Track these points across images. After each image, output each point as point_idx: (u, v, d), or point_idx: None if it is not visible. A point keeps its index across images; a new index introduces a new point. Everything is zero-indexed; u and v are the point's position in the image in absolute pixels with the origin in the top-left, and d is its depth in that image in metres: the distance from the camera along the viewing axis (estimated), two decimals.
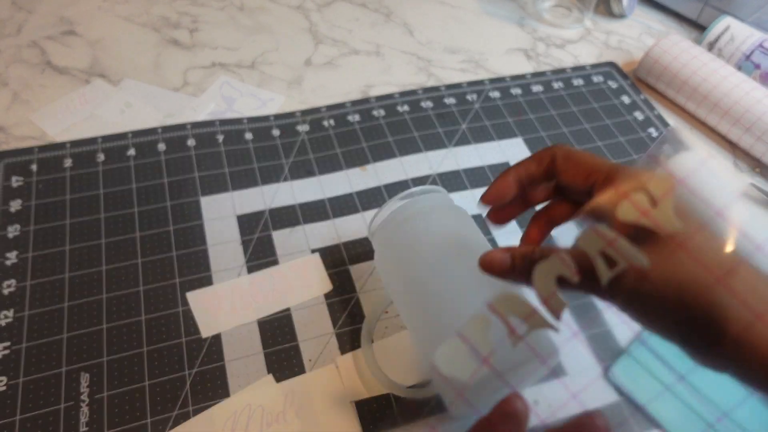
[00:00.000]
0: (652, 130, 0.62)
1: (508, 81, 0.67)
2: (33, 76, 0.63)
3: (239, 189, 0.54)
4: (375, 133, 0.60)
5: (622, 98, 0.66)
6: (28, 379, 0.41)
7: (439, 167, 0.57)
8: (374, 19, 0.74)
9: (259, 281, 0.47)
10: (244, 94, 0.63)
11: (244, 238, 0.50)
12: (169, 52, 0.67)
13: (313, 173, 0.56)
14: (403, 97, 0.64)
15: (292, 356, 0.44)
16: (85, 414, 0.40)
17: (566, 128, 0.62)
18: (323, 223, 0.52)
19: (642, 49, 0.73)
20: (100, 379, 0.41)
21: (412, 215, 0.40)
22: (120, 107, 0.60)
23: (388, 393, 0.42)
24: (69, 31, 0.68)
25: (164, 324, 0.44)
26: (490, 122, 0.62)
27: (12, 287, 0.46)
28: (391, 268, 0.41)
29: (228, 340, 0.44)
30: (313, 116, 0.61)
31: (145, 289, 0.46)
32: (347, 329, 0.45)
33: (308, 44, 0.70)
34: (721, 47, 0.66)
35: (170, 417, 0.40)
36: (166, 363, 0.42)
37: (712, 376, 0.42)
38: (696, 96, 0.62)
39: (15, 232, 0.49)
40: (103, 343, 0.43)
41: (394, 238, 0.40)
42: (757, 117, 0.58)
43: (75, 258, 0.48)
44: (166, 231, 0.50)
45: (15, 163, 0.54)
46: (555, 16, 0.77)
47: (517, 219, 0.39)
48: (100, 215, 0.51)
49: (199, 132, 0.58)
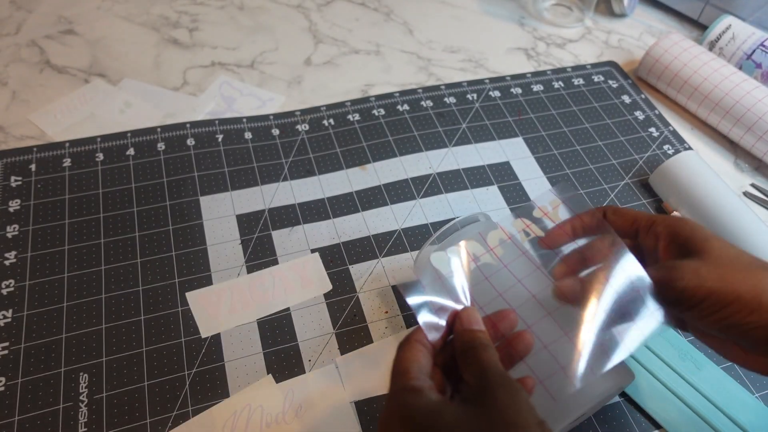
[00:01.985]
0: (653, 130, 0.62)
1: (508, 80, 0.66)
2: (32, 75, 0.63)
3: (239, 188, 0.54)
4: (375, 132, 0.59)
5: (623, 98, 0.66)
6: (27, 379, 0.41)
7: (439, 166, 0.57)
8: (374, 19, 0.74)
9: (259, 281, 0.47)
10: (243, 94, 0.63)
11: (244, 237, 0.50)
12: (168, 52, 0.67)
13: (312, 173, 0.56)
14: (403, 96, 0.64)
15: (292, 356, 0.43)
16: (84, 414, 0.40)
17: (567, 127, 0.62)
18: (323, 223, 0.52)
19: (643, 48, 0.73)
20: (99, 380, 0.41)
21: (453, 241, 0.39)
22: (119, 107, 0.60)
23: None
24: (68, 31, 0.68)
25: (163, 324, 0.44)
26: (491, 121, 0.62)
27: (11, 287, 0.46)
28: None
29: (227, 340, 0.44)
30: (312, 115, 0.61)
31: (144, 289, 0.46)
32: (347, 329, 0.45)
33: (308, 44, 0.70)
34: (722, 46, 0.66)
35: (169, 417, 0.40)
36: (166, 363, 0.42)
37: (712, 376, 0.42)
38: (697, 95, 0.62)
39: (14, 231, 0.49)
40: (102, 344, 0.43)
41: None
42: (758, 116, 0.57)
43: (74, 258, 0.48)
44: (165, 231, 0.50)
45: (14, 162, 0.54)
46: (555, 15, 0.76)
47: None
48: (99, 215, 0.51)
49: (198, 131, 0.58)
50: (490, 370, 0.28)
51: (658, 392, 0.41)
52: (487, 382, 0.27)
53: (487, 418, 0.25)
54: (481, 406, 0.26)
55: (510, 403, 0.26)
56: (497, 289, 0.35)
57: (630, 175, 0.58)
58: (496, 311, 0.33)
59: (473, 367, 0.29)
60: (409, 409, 0.26)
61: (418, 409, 0.26)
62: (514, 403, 0.26)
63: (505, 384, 0.27)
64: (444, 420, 0.26)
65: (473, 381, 0.28)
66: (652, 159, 0.59)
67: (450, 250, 0.35)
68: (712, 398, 0.41)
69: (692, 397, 0.41)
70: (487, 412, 0.25)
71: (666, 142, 0.61)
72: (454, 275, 0.35)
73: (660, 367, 0.42)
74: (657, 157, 0.59)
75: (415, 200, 0.54)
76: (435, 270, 0.34)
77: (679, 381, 0.42)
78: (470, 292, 0.34)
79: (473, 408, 0.26)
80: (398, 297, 0.47)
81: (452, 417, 0.26)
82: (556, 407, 0.31)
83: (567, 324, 0.33)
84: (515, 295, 0.35)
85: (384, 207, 0.53)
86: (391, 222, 0.52)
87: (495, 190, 0.55)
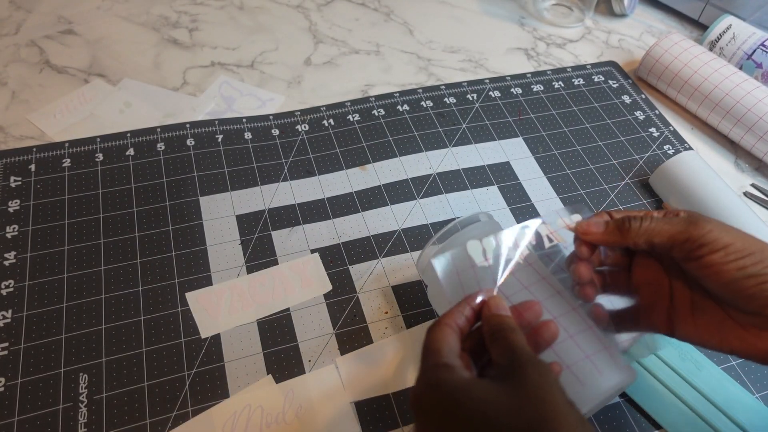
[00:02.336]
0: (653, 130, 0.62)
1: (508, 80, 0.66)
2: (32, 75, 0.62)
3: (238, 189, 0.53)
4: (375, 132, 0.59)
5: (623, 98, 0.66)
6: (27, 380, 0.41)
7: (439, 167, 0.57)
8: (374, 19, 0.74)
9: (259, 281, 0.47)
10: (243, 94, 0.63)
11: (244, 238, 0.50)
12: (168, 52, 0.67)
13: (312, 173, 0.55)
14: (403, 96, 0.64)
15: (292, 356, 0.43)
16: (83, 415, 0.40)
17: (567, 128, 0.62)
18: (323, 223, 0.51)
19: (643, 48, 0.73)
20: (99, 380, 0.41)
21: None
22: (119, 107, 0.60)
23: (388, 393, 0.42)
24: (68, 31, 0.68)
25: (163, 324, 0.44)
26: (491, 122, 0.62)
27: (10, 287, 0.46)
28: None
29: (227, 340, 0.44)
30: (312, 116, 0.61)
31: (144, 289, 0.46)
32: (347, 329, 0.45)
33: (308, 44, 0.70)
34: (723, 46, 0.66)
35: (169, 418, 0.40)
36: (165, 363, 0.42)
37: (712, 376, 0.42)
38: (697, 95, 0.62)
39: (13, 232, 0.49)
40: (102, 344, 0.43)
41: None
42: (758, 116, 0.57)
43: (74, 258, 0.48)
44: (165, 231, 0.50)
45: (13, 163, 0.54)
46: (555, 15, 0.76)
47: None
48: (99, 215, 0.51)
49: (198, 131, 0.58)
50: (519, 349, 0.29)
51: (659, 392, 0.41)
52: (518, 361, 0.28)
53: (518, 394, 0.26)
54: (512, 384, 0.27)
55: (541, 382, 0.26)
56: (522, 283, 0.36)
57: (630, 175, 0.57)
58: (521, 302, 0.34)
59: (502, 348, 0.29)
60: (442, 383, 0.27)
61: (451, 383, 0.27)
62: (546, 382, 0.26)
63: (535, 363, 0.27)
64: (476, 394, 0.27)
65: (503, 361, 0.28)
66: (652, 159, 0.59)
67: (484, 240, 0.36)
68: (712, 398, 0.41)
69: (692, 397, 0.41)
70: (518, 389, 0.26)
71: (666, 142, 0.61)
72: (485, 265, 0.35)
73: (660, 368, 0.42)
74: (657, 157, 0.59)
75: (415, 200, 0.54)
76: (470, 258, 0.35)
77: (679, 381, 0.42)
78: (498, 282, 0.35)
79: (504, 385, 0.27)
80: (398, 297, 0.47)
81: (484, 392, 0.27)
82: (583, 391, 0.32)
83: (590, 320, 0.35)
84: (540, 290, 0.36)
85: (384, 207, 0.53)
86: (391, 222, 0.52)
87: (495, 190, 0.55)
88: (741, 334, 0.31)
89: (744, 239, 0.31)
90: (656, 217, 0.33)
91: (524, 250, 0.36)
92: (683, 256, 0.32)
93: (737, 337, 0.32)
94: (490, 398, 0.26)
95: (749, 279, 0.30)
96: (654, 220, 0.32)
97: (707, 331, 0.33)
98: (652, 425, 0.41)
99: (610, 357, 0.33)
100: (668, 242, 0.32)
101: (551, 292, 0.36)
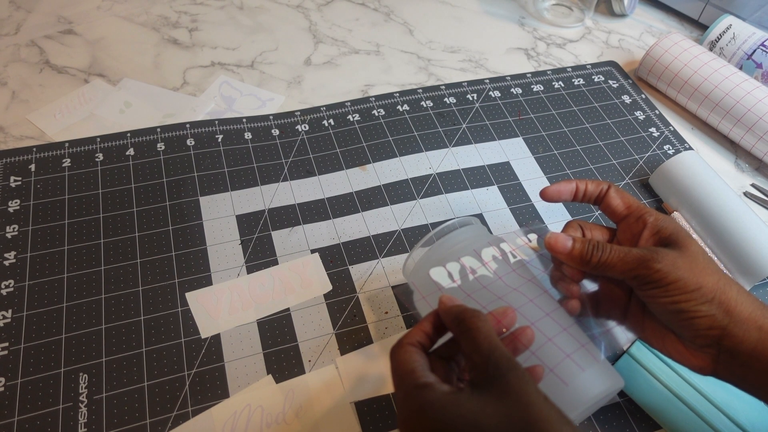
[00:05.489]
0: (653, 130, 0.62)
1: (508, 80, 0.66)
2: (32, 75, 0.62)
3: (238, 189, 0.53)
4: (375, 132, 0.59)
5: (623, 98, 0.66)
6: (27, 380, 0.41)
7: (439, 167, 0.57)
8: (374, 19, 0.74)
9: (259, 281, 0.47)
10: (243, 94, 0.63)
11: (244, 238, 0.50)
12: (168, 52, 0.67)
13: (312, 173, 0.55)
14: (403, 96, 0.64)
15: (292, 356, 0.43)
16: (83, 415, 0.40)
17: (567, 128, 0.62)
18: (323, 223, 0.51)
19: (643, 48, 0.73)
20: (99, 380, 0.41)
21: (448, 255, 0.39)
22: (119, 107, 0.60)
23: (388, 393, 0.42)
24: (68, 31, 0.68)
25: (163, 324, 0.44)
26: (491, 122, 0.62)
27: (10, 287, 0.46)
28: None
29: (227, 340, 0.44)
30: (312, 116, 0.61)
31: (144, 289, 0.46)
32: (347, 329, 0.45)
33: (308, 44, 0.70)
34: (723, 46, 0.66)
35: (169, 418, 0.40)
36: (165, 363, 0.42)
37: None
38: (697, 95, 0.62)
39: (13, 232, 0.49)
40: (102, 344, 0.43)
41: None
42: (758, 117, 0.57)
43: (74, 258, 0.48)
44: (165, 231, 0.50)
45: (13, 162, 0.54)
46: (555, 15, 0.76)
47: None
48: (99, 215, 0.51)
49: (198, 131, 0.58)
50: (495, 353, 0.29)
51: (658, 392, 0.41)
52: (498, 369, 0.28)
53: (504, 401, 0.27)
54: (496, 393, 0.27)
55: (523, 387, 0.27)
56: (496, 294, 0.36)
57: (630, 175, 0.57)
58: (497, 309, 0.34)
59: (473, 342, 0.29)
60: (427, 405, 0.28)
61: (436, 403, 0.28)
62: (527, 386, 0.27)
63: (514, 368, 0.28)
64: (464, 408, 0.27)
65: (478, 359, 0.28)
66: (652, 159, 0.59)
67: (448, 264, 0.37)
68: (712, 398, 0.41)
69: (692, 397, 0.41)
70: (503, 397, 0.27)
71: (666, 142, 0.61)
72: (454, 286, 0.37)
73: (660, 368, 0.42)
74: (657, 157, 0.59)
75: (415, 200, 0.54)
76: (435, 283, 0.37)
77: (679, 381, 0.42)
78: (470, 296, 0.36)
79: (488, 394, 0.27)
80: (398, 297, 0.47)
81: (471, 405, 0.27)
82: (568, 391, 0.33)
83: (565, 322, 0.36)
84: (514, 299, 0.36)
85: (384, 207, 0.53)
86: (391, 222, 0.52)
87: (495, 190, 0.55)
88: (680, 349, 0.35)
89: (693, 277, 0.33)
90: (615, 250, 0.35)
91: (492, 264, 0.38)
92: (634, 285, 0.35)
93: (676, 351, 0.35)
94: (478, 409, 0.27)
95: (681, 314, 0.33)
96: (612, 252, 0.35)
97: (653, 335, 0.36)
98: (652, 425, 0.41)
99: (590, 354, 0.34)
100: (620, 276, 0.35)
101: (526, 299, 0.36)
